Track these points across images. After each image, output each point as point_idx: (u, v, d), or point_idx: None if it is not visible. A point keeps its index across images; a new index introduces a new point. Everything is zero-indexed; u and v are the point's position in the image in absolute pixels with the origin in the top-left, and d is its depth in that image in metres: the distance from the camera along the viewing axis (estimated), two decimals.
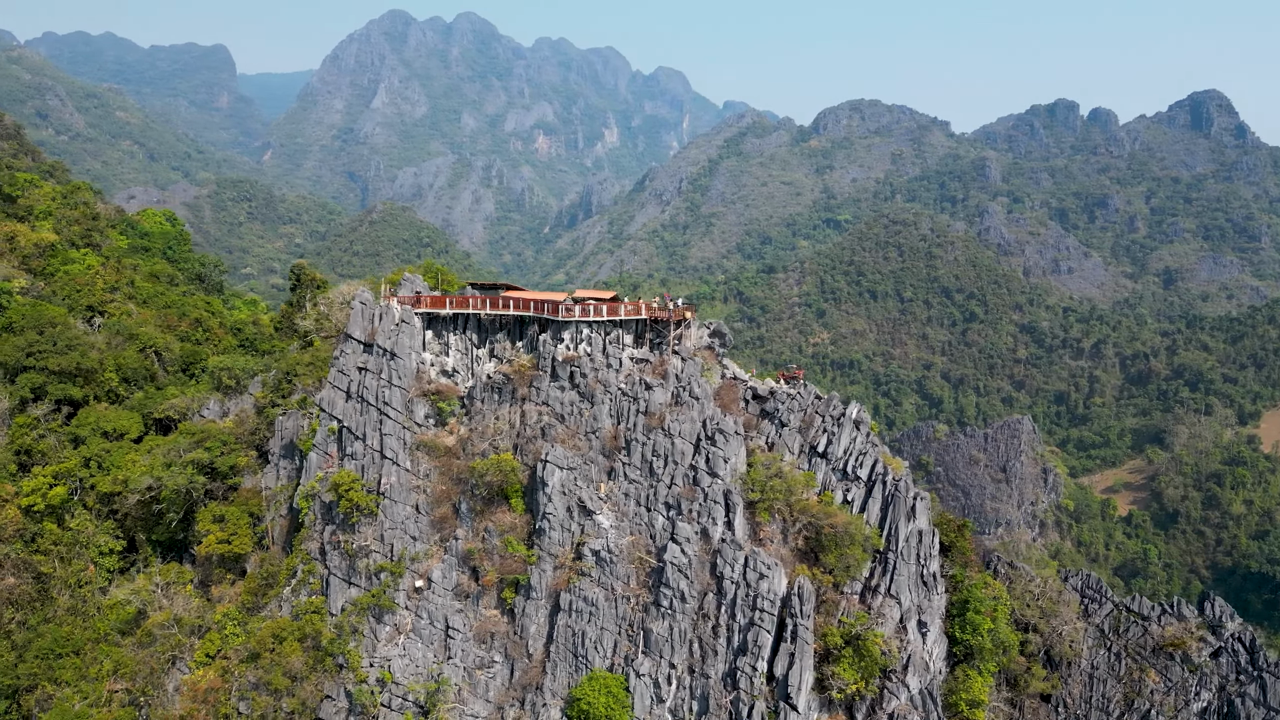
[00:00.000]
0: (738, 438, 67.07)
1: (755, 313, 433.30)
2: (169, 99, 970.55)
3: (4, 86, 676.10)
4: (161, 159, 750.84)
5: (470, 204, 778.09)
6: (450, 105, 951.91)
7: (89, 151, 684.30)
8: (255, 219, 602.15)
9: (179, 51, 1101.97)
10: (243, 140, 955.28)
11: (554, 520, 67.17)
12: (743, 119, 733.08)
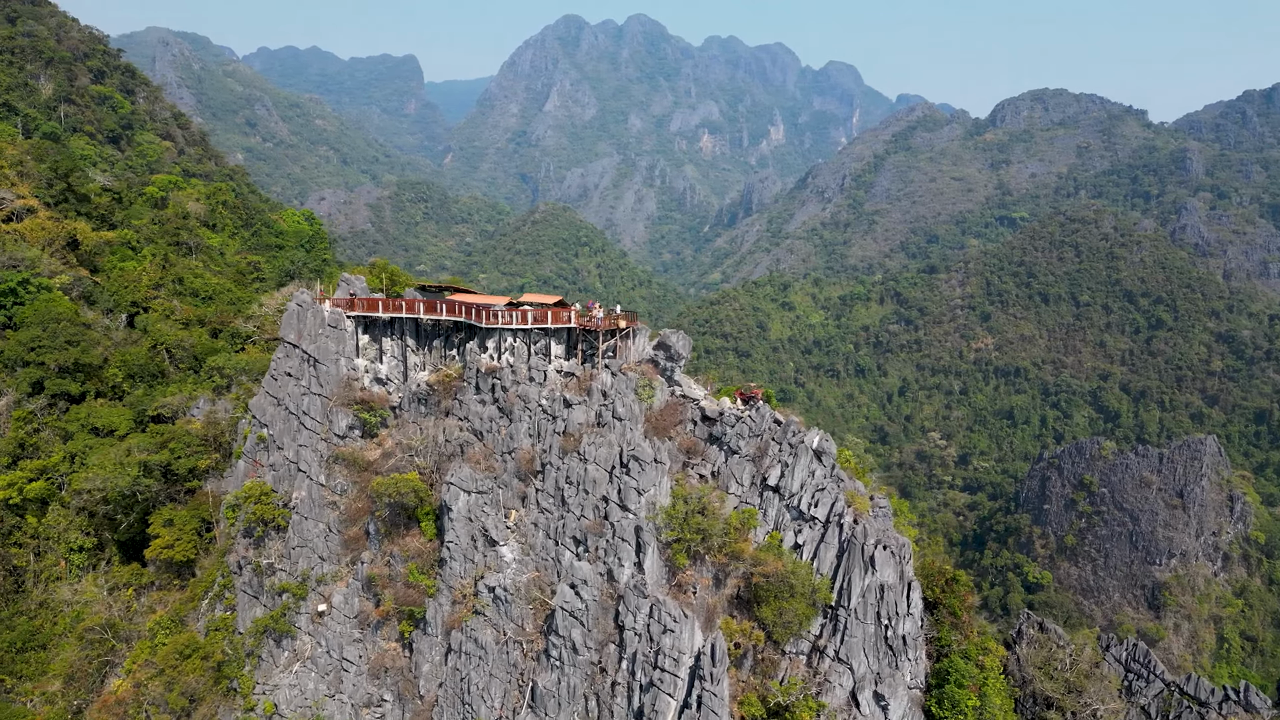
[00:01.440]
0: (657, 467, 59.40)
1: (913, 315, 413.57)
2: (363, 107, 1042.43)
3: (220, 98, 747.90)
4: (353, 163, 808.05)
5: (633, 203, 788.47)
6: (618, 106, 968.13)
7: (290, 157, 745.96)
8: (430, 219, 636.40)
9: (374, 62, 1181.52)
10: (427, 145, 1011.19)
11: (456, 549, 61.19)
12: (913, 112, 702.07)
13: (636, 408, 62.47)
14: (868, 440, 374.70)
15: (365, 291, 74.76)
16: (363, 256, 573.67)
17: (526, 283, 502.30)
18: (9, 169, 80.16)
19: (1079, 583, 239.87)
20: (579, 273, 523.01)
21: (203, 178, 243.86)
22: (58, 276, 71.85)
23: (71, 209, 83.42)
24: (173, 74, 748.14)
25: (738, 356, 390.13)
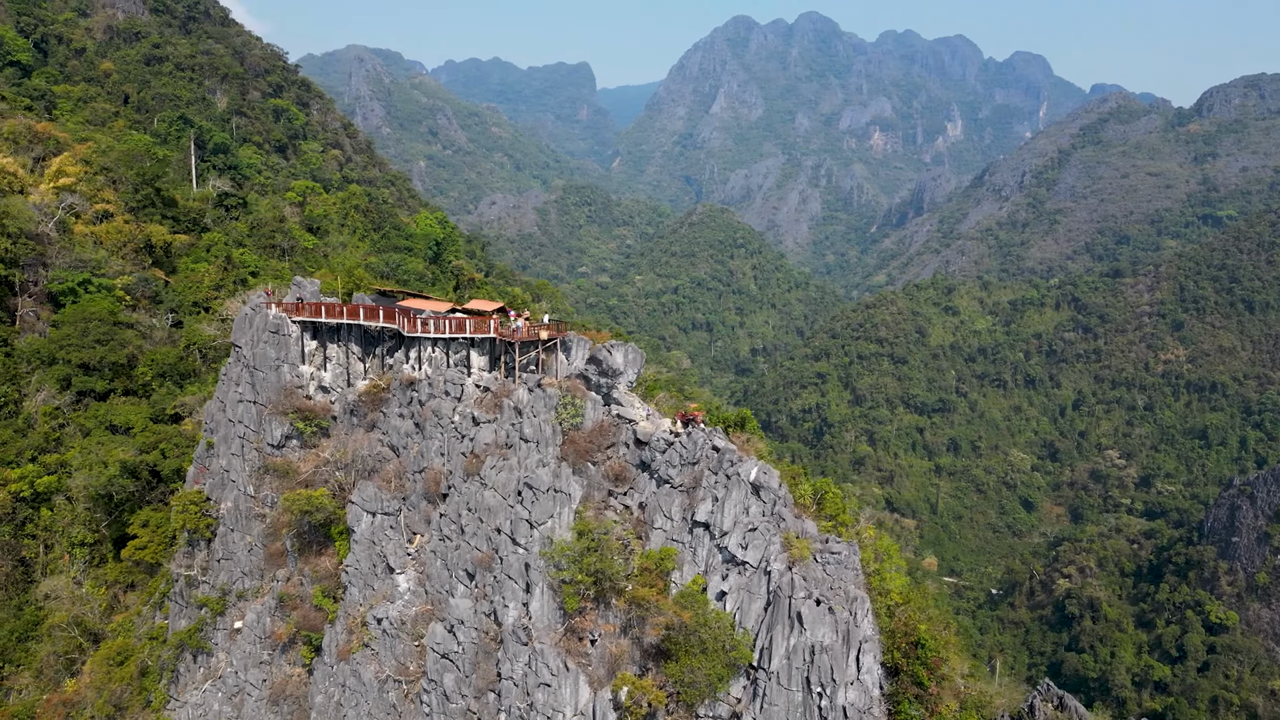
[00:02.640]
0: (557, 496, 53.90)
1: (1092, 322, 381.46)
2: (538, 114, 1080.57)
3: (407, 109, 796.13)
4: (525, 168, 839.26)
5: (796, 204, 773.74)
6: (785, 106, 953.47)
7: (467, 163, 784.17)
8: (594, 221, 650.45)
9: (550, 71, 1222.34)
10: (597, 149, 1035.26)
11: (355, 574, 57.59)
12: (1105, 103, 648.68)
13: (549, 429, 57.01)
14: (1035, 456, 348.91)
15: (315, 295, 71.68)
16: (529, 259, 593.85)
17: (680, 284, 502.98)
18: (99, 176, 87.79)
19: (1271, 627, 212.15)
20: (733, 275, 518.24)
21: (367, 183, 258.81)
22: (121, 277, 77.38)
23: (156, 213, 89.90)
24: (366, 88, 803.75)
25: (892, 363, 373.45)
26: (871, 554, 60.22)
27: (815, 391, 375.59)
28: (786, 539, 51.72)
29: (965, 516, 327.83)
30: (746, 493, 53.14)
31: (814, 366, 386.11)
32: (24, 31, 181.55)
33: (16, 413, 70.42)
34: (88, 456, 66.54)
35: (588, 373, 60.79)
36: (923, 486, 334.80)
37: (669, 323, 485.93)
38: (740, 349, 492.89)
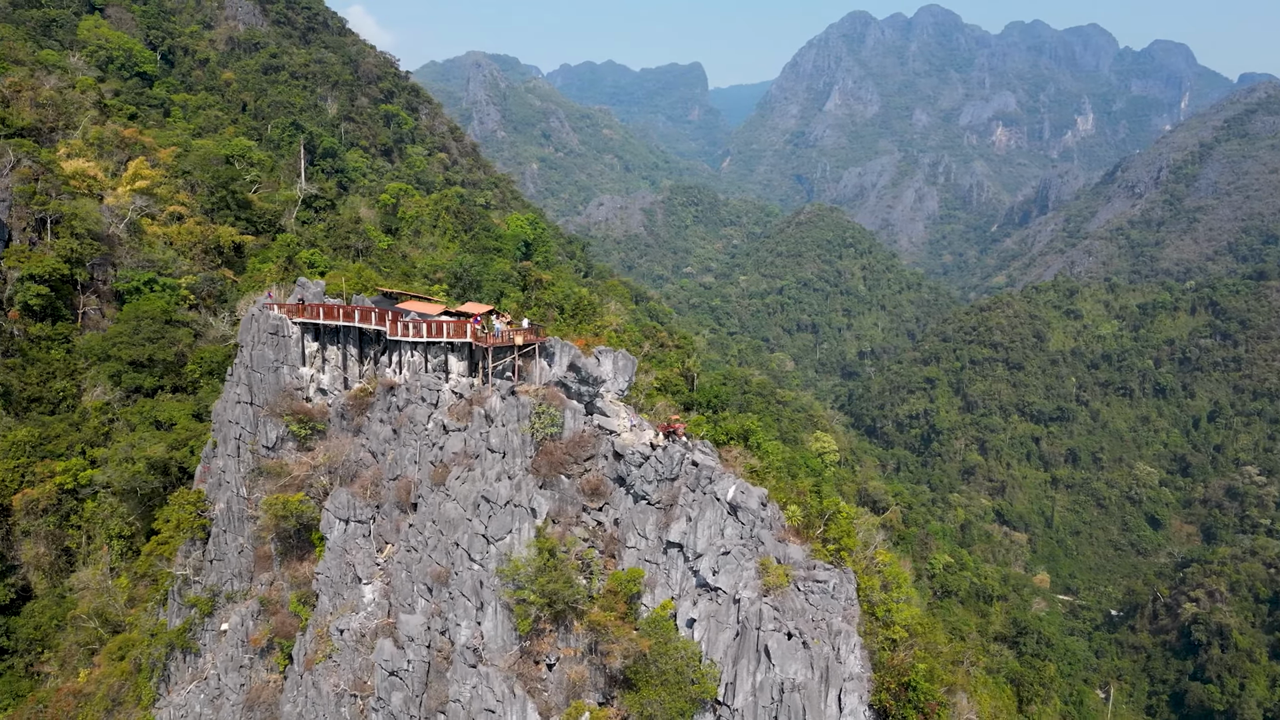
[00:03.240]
0: (516, 511, 51.01)
1: (1232, 328, 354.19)
2: (650, 115, 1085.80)
3: (521, 113, 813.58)
4: (634, 170, 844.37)
5: (912, 203, 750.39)
6: (902, 102, 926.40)
7: (578, 165, 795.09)
8: (700, 222, 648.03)
9: (662, 72, 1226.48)
10: (708, 150, 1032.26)
11: (325, 582, 56.24)
12: (1253, 93, 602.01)
13: (517, 439, 54.15)
14: (1164, 470, 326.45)
15: (318, 296, 70.94)
16: (634, 260, 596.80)
17: (786, 285, 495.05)
18: (177, 179, 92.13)
19: None
20: (841, 275, 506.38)
21: (471, 185, 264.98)
22: (185, 276, 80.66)
23: (230, 215, 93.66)
24: (483, 93, 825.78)
25: (1007, 369, 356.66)
26: (879, 582, 55.99)
27: (924, 397, 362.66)
28: (762, 564, 47.88)
29: (1084, 532, 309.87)
30: (722, 513, 49.66)
31: (923, 371, 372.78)
32: (152, 44, 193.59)
33: (74, 407, 74.72)
34: (116, 451, 69.55)
35: (567, 380, 58.27)
36: (1037, 499, 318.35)
37: (773, 324, 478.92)
38: (847, 352, 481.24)
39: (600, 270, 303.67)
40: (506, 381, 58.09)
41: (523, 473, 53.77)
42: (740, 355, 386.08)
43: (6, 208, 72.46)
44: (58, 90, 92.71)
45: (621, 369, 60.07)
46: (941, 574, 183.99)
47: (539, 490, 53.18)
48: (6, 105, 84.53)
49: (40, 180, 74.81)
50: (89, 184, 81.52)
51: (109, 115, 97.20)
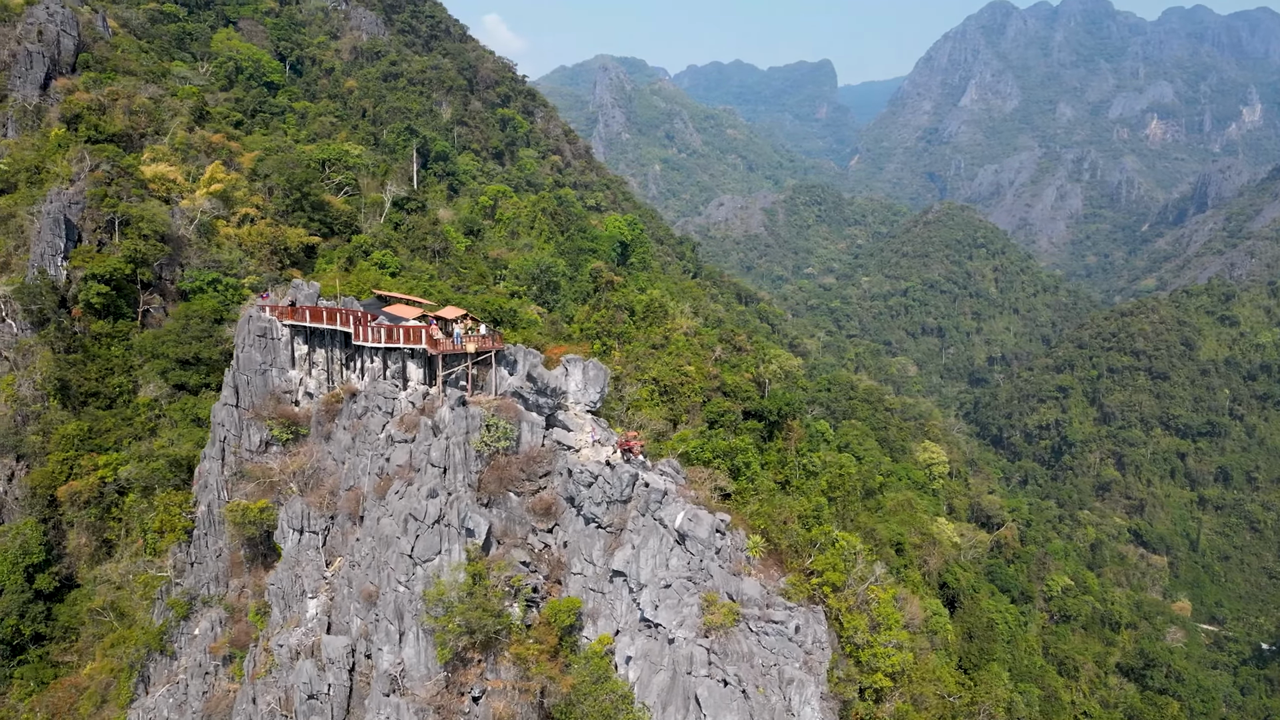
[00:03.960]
0: (446, 531, 47.37)
1: None
2: (776, 114, 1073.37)
3: (646, 115, 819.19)
4: (758, 169, 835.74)
5: (1053, 201, 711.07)
6: (1045, 95, 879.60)
7: (700, 165, 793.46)
8: (823, 221, 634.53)
9: (790, 70, 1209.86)
10: (835, 148, 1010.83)
11: (276, 594, 53.72)
12: None
13: (460, 453, 50.67)
14: None
15: (311, 298, 68.81)
16: (754, 260, 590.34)
17: (910, 286, 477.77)
18: (256, 182, 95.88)
19: None
20: (971, 277, 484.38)
21: (583, 187, 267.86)
22: (248, 277, 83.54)
23: (304, 216, 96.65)
24: (608, 95, 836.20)
25: (1150, 378, 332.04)
26: (865, 622, 50.65)
27: (1055, 406, 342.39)
28: (706, 600, 43.58)
29: (1234, 558, 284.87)
30: (668, 541, 45.69)
31: (1055, 379, 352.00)
32: (281, 55, 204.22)
33: (130, 402, 78.68)
34: (138, 449, 72.39)
35: (523, 391, 55.21)
36: (1180, 520, 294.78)
37: (896, 327, 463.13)
38: (975, 357, 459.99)
39: (710, 271, 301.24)
40: (459, 391, 55.33)
41: (464, 489, 51.02)
42: (858, 359, 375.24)
43: (79, 209, 77.72)
44: (154, 99, 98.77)
45: (592, 379, 56.72)
46: (1059, 597, 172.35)
47: (479, 509, 50.15)
48: (103, 112, 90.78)
49: (113, 184, 79.74)
50: (168, 187, 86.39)
51: (206, 122, 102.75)
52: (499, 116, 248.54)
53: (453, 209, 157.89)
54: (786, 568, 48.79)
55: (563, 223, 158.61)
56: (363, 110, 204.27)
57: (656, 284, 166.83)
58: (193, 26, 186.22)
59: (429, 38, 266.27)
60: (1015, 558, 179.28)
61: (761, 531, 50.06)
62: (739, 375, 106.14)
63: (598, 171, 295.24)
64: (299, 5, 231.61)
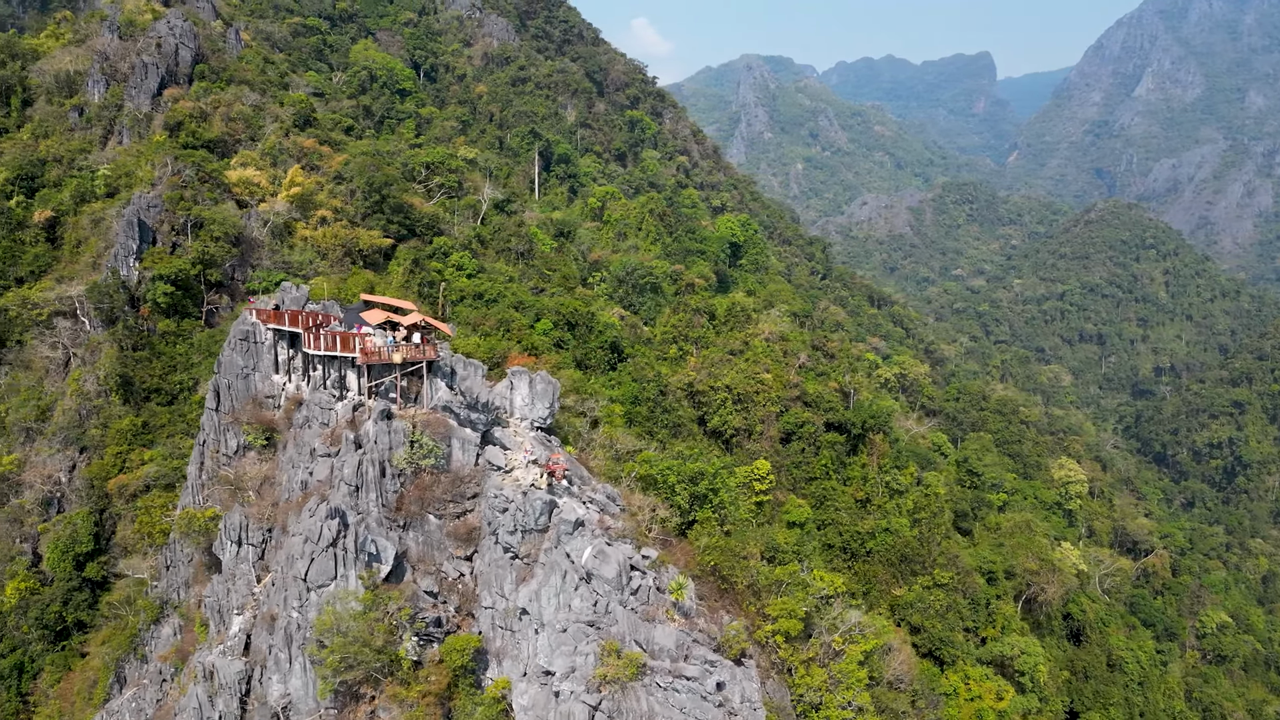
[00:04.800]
0: (342, 555, 43.40)
1: None
2: (930, 110, 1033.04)
3: (789, 113, 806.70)
4: (906, 167, 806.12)
5: (1239, 198, 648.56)
6: (1232, 83, 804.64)
7: (845, 164, 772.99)
8: (974, 220, 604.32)
9: (945, 64, 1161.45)
10: (992, 144, 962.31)
11: (212, 606, 50.77)
12: None
13: (374, 470, 47.10)
14: None
15: (298, 302, 66.16)
16: (897, 261, 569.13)
17: (1068, 290, 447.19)
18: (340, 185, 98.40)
19: None
20: (1138, 280, 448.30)
21: (710, 188, 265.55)
22: (315, 278, 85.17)
23: (382, 218, 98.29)
24: (752, 95, 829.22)
25: None
26: (822, 679, 44.35)
27: (1229, 423, 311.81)
28: (606, 649, 38.66)
29: None
30: (573, 579, 41.17)
31: (1230, 393, 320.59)
32: (416, 63, 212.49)
33: (189, 399, 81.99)
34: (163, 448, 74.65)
35: (453, 405, 51.27)
36: None
37: (1050, 333, 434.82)
38: (1140, 366, 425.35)
39: (840, 273, 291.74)
40: (385, 403, 52.43)
41: (377, 510, 47.64)
42: (1003, 367, 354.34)
43: (157, 212, 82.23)
44: (257, 106, 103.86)
45: (539, 394, 52.84)
46: (1214, 634, 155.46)
47: (388, 532, 46.89)
48: (203, 120, 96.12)
49: (189, 187, 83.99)
50: (251, 191, 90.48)
51: (311, 129, 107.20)
52: (627, 118, 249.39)
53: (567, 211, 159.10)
54: (743, 611, 44.21)
55: (671, 224, 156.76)
56: (490, 114, 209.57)
57: (768, 285, 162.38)
58: (334, 39, 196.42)
59: (561, 42, 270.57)
60: (1164, 589, 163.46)
61: (714, 570, 45.77)
62: (823, 384, 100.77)
63: (725, 172, 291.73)
64: (436, 15, 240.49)
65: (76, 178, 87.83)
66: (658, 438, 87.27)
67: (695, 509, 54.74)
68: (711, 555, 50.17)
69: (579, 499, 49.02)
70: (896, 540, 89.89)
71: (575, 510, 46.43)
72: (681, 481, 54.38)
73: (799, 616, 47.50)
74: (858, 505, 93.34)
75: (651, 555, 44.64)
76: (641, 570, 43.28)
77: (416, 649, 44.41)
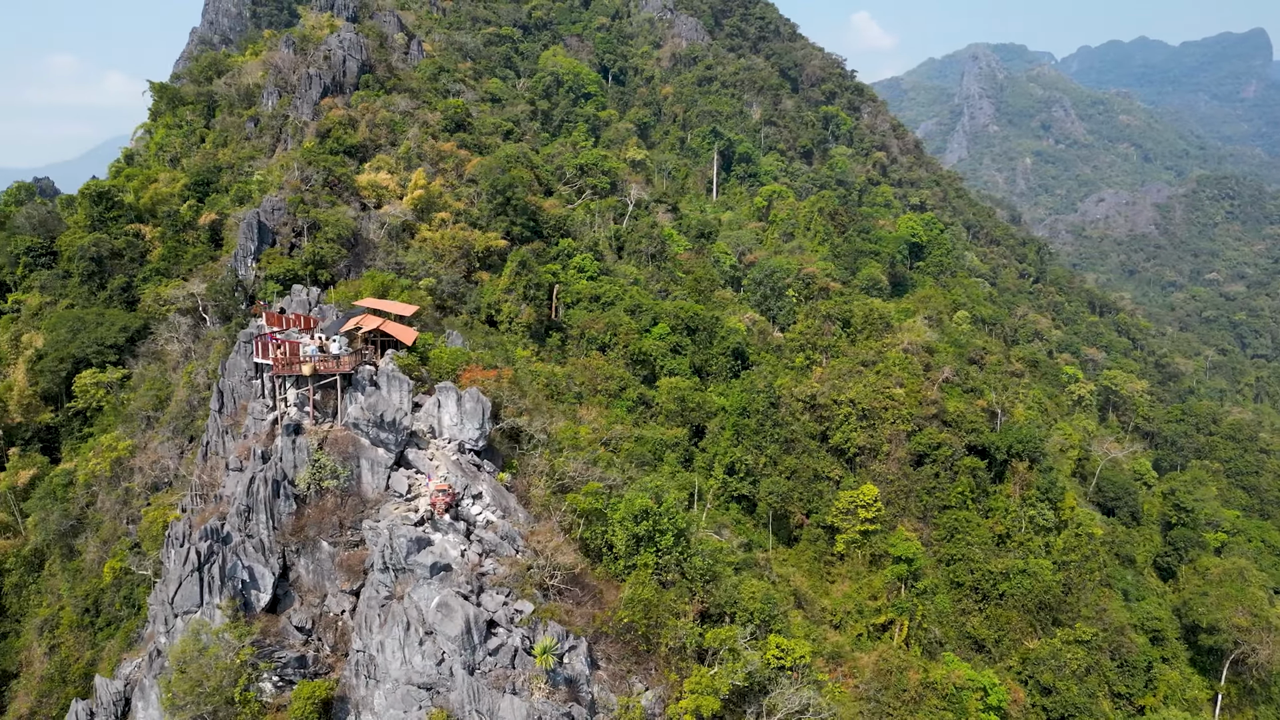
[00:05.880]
0: (209, 580, 40.07)
1: None
2: (1188, 95, 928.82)
3: (1018, 104, 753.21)
4: (1156, 159, 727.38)
5: None
6: None
7: (1081, 157, 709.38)
8: (1234, 219, 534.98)
9: (1209, 44, 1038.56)
10: (1265, 132, 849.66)
11: (156, 625, 46.94)
12: None
13: (265, 490, 43.08)
14: None
15: (303, 305, 64.02)
16: (1138, 263, 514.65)
17: None
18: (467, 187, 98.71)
19: None
20: None
21: (908, 185, 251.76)
22: (424, 279, 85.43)
23: (505, 221, 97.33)
24: (976, 86, 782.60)
25: None
26: None
27: None
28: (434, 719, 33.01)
29: None
30: (418, 631, 36.15)
31: None
32: (604, 67, 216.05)
33: None
34: None
35: (360, 422, 46.87)
36: None
37: None
38: None
39: (1057, 275, 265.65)
40: (297, 418, 49.07)
41: (267, 533, 43.97)
42: (1258, 385, 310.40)
43: (281, 214, 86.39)
44: (407, 113, 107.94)
45: (469, 413, 48.08)
46: None
47: (271, 558, 43.31)
48: (352, 127, 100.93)
49: (310, 191, 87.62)
50: (379, 194, 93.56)
51: (458, 132, 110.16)
52: (821, 114, 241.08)
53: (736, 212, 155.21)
54: (661, 679, 37.86)
55: (843, 223, 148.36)
56: (674, 115, 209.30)
57: (953, 289, 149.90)
58: (525, 46, 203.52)
59: (756, 39, 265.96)
60: None
61: (630, 628, 39.51)
62: (969, 402, 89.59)
63: (927, 167, 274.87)
64: (629, 19, 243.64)
65: (239, 183, 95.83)
66: (767, 453, 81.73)
67: (640, 551, 48.49)
68: (630, 612, 44.21)
69: (463, 535, 44.29)
70: (1035, 584, 78.22)
71: (447, 551, 41.81)
72: (626, 520, 48.37)
73: (721, 694, 40.46)
74: (995, 541, 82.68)
75: (525, 610, 39.36)
76: (508, 627, 38.33)
77: (274, 690, 41.42)
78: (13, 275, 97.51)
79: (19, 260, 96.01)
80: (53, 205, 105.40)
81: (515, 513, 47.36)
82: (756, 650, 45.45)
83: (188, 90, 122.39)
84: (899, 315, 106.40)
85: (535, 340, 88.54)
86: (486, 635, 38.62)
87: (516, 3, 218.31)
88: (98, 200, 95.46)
